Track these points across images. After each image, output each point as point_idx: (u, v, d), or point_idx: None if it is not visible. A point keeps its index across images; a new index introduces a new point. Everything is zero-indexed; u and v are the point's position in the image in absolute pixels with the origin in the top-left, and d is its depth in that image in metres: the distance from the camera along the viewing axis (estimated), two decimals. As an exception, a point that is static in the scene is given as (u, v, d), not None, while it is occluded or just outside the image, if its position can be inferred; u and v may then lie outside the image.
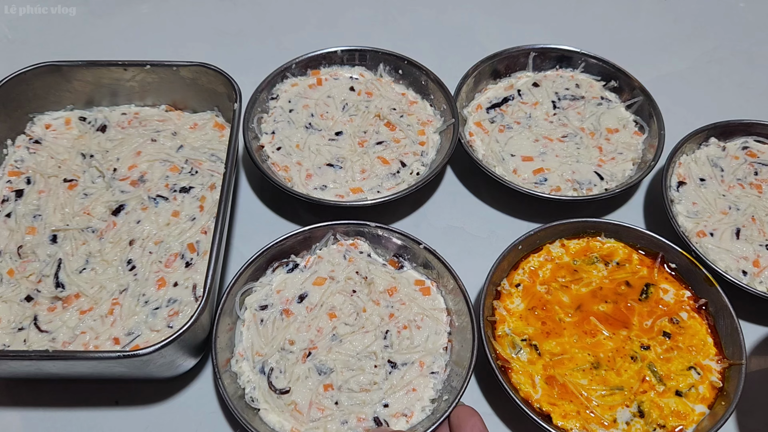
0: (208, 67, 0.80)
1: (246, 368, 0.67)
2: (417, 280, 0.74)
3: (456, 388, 0.64)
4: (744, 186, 0.85)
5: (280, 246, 0.73)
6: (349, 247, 0.76)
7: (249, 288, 0.72)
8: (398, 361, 0.68)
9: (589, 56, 0.97)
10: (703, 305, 0.75)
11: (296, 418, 0.64)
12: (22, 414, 0.69)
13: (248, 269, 0.71)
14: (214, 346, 0.65)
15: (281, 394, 0.65)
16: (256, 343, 0.69)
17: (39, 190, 0.77)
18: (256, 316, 0.70)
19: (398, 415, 0.65)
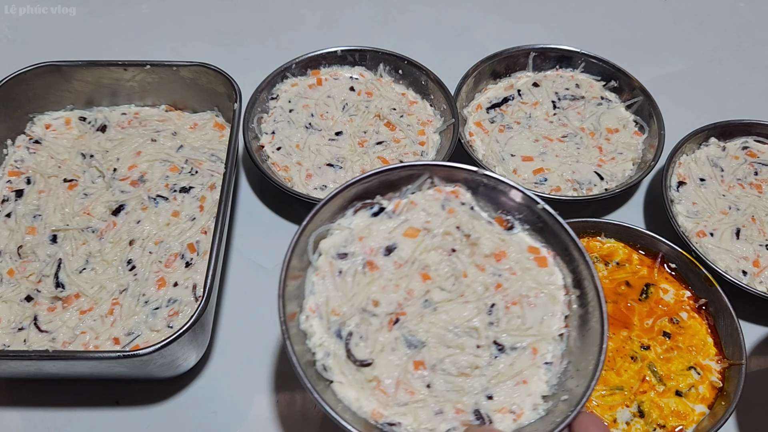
0: (208, 67, 0.80)
1: (318, 328, 0.55)
2: (531, 246, 0.59)
3: (573, 388, 0.52)
4: (744, 186, 0.85)
5: (364, 183, 0.58)
6: (448, 195, 0.61)
7: (325, 229, 0.58)
8: (506, 344, 0.55)
9: (589, 56, 0.97)
10: (703, 305, 0.75)
11: (379, 399, 0.52)
12: (22, 414, 0.69)
13: (326, 207, 0.57)
14: (281, 295, 0.54)
15: (362, 366, 0.53)
16: (333, 297, 0.56)
17: (39, 190, 0.77)
18: (334, 265, 0.57)
19: (504, 411, 0.52)
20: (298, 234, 0.55)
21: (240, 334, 0.76)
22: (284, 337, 0.51)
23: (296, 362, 0.50)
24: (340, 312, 0.55)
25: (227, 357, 0.74)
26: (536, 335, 0.56)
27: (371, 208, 0.60)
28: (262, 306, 0.78)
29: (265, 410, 0.70)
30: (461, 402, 0.52)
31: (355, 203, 0.60)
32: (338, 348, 0.54)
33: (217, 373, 0.72)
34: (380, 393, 0.52)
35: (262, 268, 0.81)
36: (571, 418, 0.49)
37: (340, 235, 0.58)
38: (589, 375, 0.51)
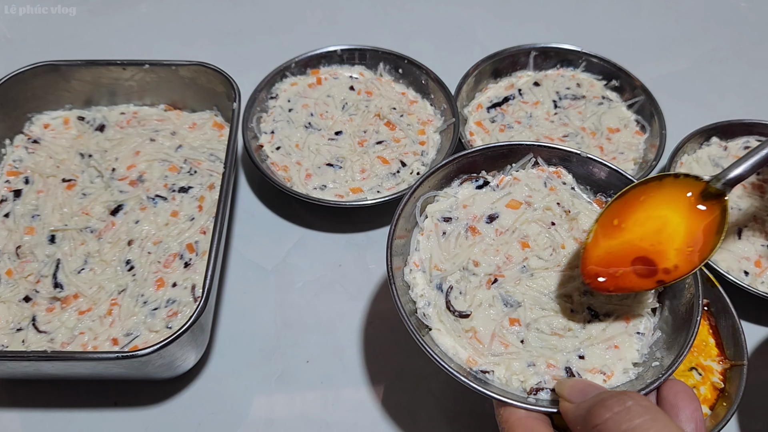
0: (207, 67, 0.80)
1: (420, 280, 0.60)
2: None
3: (663, 356, 0.54)
4: (746, 186, 0.85)
5: (471, 158, 0.64)
6: (551, 175, 0.65)
7: (432, 195, 0.64)
8: (600, 311, 0.58)
9: (590, 56, 0.97)
10: (705, 306, 0.74)
11: (475, 348, 0.56)
12: (21, 415, 0.68)
13: (434, 176, 0.63)
14: (389, 248, 0.58)
15: (460, 317, 0.57)
16: (436, 255, 0.61)
17: (37, 190, 0.77)
18: (439, 227, 0.62)
19: (595, 371, 0.55)
20: (407, 197, 0.61)
21: (239, 335, 0.75)
22: (391, 286, 0.56)
23: (401, 308, 0.55)
24: (442, 268, 0.60)
25: (226, 358, 0.74)
26: (630, 306, 0.59)
27: (476, 181, 0.65)
28: (261, 306, 0.78)
29: (265, 411, 0.70)
30: (553, 358, 0.55)
31: (462, 176, 0.65)
32: (439, 299, 0.58)
33: (216, 373, 0.72)
34: (476, 342, 0.56)
35: (261, 268, 0.81)
36: (660, 382, 0.51)
37: (446, 201, 0.64)
38: (679, 346, 0.54)
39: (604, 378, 0.55)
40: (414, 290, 0.59)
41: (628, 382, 0.54)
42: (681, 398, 0.49)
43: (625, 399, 0.43)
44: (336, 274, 0.81)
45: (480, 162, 0.65)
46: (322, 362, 0.73)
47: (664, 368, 0.52)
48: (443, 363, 0.52)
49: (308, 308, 0.78)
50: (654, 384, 0.51)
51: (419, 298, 0.59)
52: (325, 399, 0.71)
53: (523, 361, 0.55)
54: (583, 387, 0.49)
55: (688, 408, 0.48)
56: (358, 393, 0.71)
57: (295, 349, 0.74)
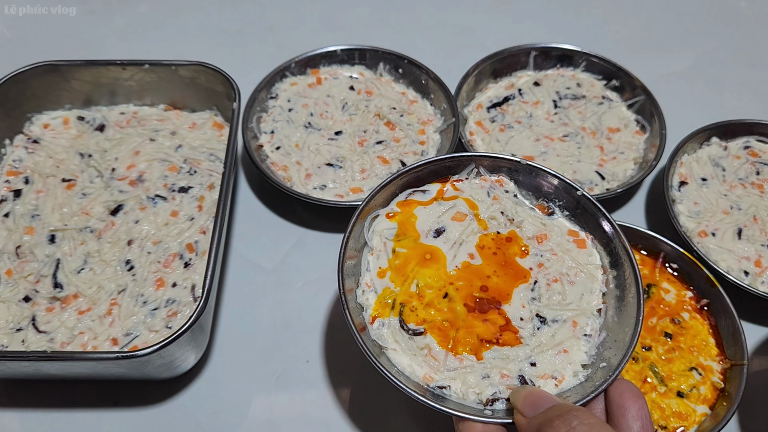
0: (206, 67, 0.80)
1: (373, 301, 0.61)
2: (570, 230, 0.65)
3: (611, 357, 0.56)
4: (746, 186, 0.85)
5: (415, 173, 0.65)
6: (493, 184, 0.67)
7: (378, 213, 0.64)
8: (548, 317, 0.60)
9: (590, 55, 0.97)
10: (705, 305, 0.74)
11: (430, 365, 0.57)
12: (21, 415, 0.68)
13: (380, 194, 0.64)
14: (341, 270, 0.59)
15: (414, 335, 0.58)
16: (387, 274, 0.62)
17: (37, 189, 0.77)
18: (387, 246, 0.63)
19: (546, 377, 0.57)
20: (354, 218, 0.61)
21: (239, 335, 0.75)
22: (343, 308, 0.56)
23: (355, 331, 0.55)
24: (393, 288, 0.60)
25: (226, 358, 0.73)
26: (576, 310, 0.60)
27: (422, 195, 0.66)
28: (261, 306, 0.78)
29: (265, 411, 0.70)
30: (506, 368, 0.57)
31: (406, 190, 0.66)
32: (392, 318, 0.59)
33: (216, 373, 0.72)
34: (431, 359, 0.57)
35: (261, 268, 0.81)
36: (608, 384, 0.52)
37: (392, 217, 0.64)
38: (625, 346, 0.56)
39: (555, 383, 0.56)
40: (367, 311, 0.59)
41: (578, 385, 0.56)
42: (627, 398, 0.50)
43: (570, 419, 0.45)
44: (336, 274, 0.81)
45: (423, 175, 0.66)
46: (322, 362, 0.73)
47: (612, 369, 0.54)
48: (400, 383, 0.53)
49: (308, 308, 0.78)
50: (603, 386, 0.52)
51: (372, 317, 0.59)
52: (325, 399, 0.71)
53: (477, 374, 0.56)
54: (535, 399, 0.50)
55: (634, 406, 0.49)
56: (358, 393, 0.71)
57: (295, 349, 0.74)
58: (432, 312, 0.59)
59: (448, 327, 0.58)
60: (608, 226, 0.62)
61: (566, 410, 0.46)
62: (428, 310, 0.59)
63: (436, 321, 0.58)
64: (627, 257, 0.60)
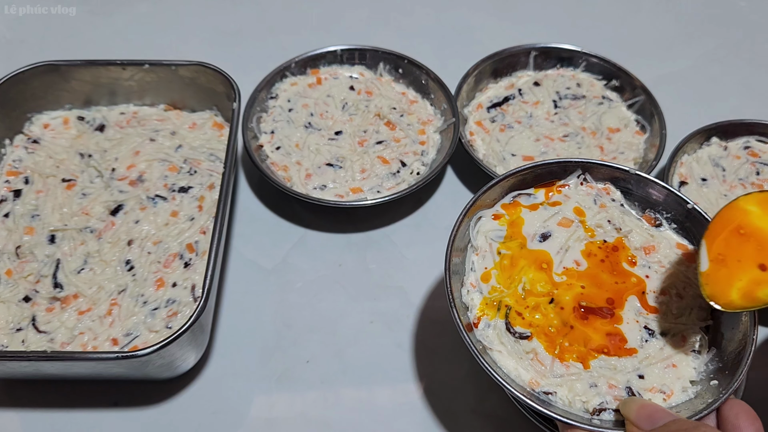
0: (206, 67, 0.80)
1: (478, 302, 0.60)
2: (679, 243, 0.64)
3: (723, 375, 0.55)
4: (746, 186, 0.84)
5: (521, 176, 0.65)
6: (600, 191, 0.66)
7: (483, 214, 0.65)
8: (656, 330, 0.59)
9: (590, 55, 0.97)
10: (705, 306, 0.74)
11: (536, 370, 0.57)
12: (20, 415, 0.68)
13: (486, 194, 0.64)
14: (447, 269, 0.58)
15: (520, 338, 0.58)
16: (493, 275, 0.62)
17: (37, 190, 0.77)
18: (492, 246, 0.63)
19: (655, 390, 0.56)
20: (461, 217, 0.61)
21: (239, 335, 0.75)
22: (450, 306, 0.56)
23: (464, 331, 0.55)
24: (500, 289, 0.60)
25: (227, 358, 0.73)
26: (684, 324, 0.59)
27: (527, 198, 0.66)
28: (261, 306, 0.78)
29: (265, 411, 0.70)
30: (614, 378, 0.56)
31: (513, 192, 0.66)
32: (498, 320, 0.59)
33: (216, 374, 0.72)
34: (537, 364, 0.57)
35: (261, 268, 0.81)
36: (719, 403, 0.51)
37: (498, 219, 0.64)
38: (737, 364, 0.54)
39: (663, 397, 0.56)
40: (472, 312, 0.59)
41: (687, 401, 0.55)
42: (743, 419, 0.48)
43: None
44: (336, 274, 0.81)
45: (529, 179, 0.66)
46: (322, 362, 0.73)
47: (725, 386, 0.53)
48: (507, 384, 0.53)
49: (308, 308, 0.78)
50: (714, 404, 0.51)
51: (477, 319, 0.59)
52: (325, 399, 0.71)
53: (584, 382, 0.56)
54: (651, 412, 0.49)
55: (750, 428, 0.47)
56: (358, 393, 0.71)
57: (295, 349, 0.74)
58: (538, 316, 0.58)
59: (554, 333, 0.58)
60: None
61: (692, 425, 0.44)
62: (534, 314, 0.59)
63: (543, 326, 0.58)
64: None
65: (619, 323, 0.59)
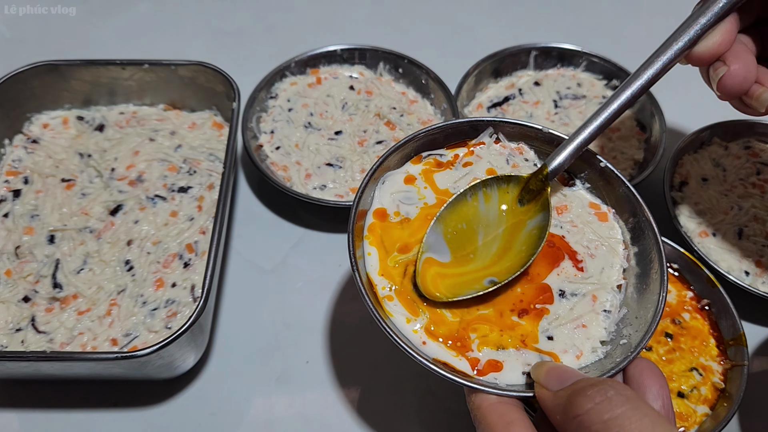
0: (206, 66, 0.80)
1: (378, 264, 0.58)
2: (591, 202, 0.63)
3: (631, 334, 0.54)
4: (746, 186, 0.84)
5: (430, 135, 0.62)
6: (513, 151, 0.64)
7: (392, 174, 0.62)
8: (567, 290, 0.58)
9: (590, 55, 0.96)
10: (706, 306, 0.74)
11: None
12: (20, 415, 0.68)
13: (393, 155, 0.61)
14: (351, 231, 0.56)
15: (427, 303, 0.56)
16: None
17: (36, 190, 0.77)
18: (401, 208, 0.60)
19: (565, 352, 0.55)
20: (367, 178, 0.58)
21: (239, 335, 0.75)
22: (354, 270, 0.54)
23: (364, 291, 0.52)
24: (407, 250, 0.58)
25: (226, 358, 0.73)
26: (596, 284, 0.58)
27: (438, 159, 0.63)
28: (261, 306, 0.78)
29: (265, 412, 0.70)
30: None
31: (422, 153, 0.63)
32: (404, 284, 0.56)
33: (215, 374, 0.72)
34: None
35: (261, 269, 0.81)
36: (628, 362, 0.50)
37: (406, 180, 0.62)
38: (647, 323, 0.53)
39: (573, 358, 0.54)
40: (374, 274, 0.57)
41: (597, 362, 0.54)
42: (647, 375, 0.48)
43: (606, 389, 0.43)
44: (336, 274, 0.81)
45: (440, 139, 0.63)
46: (322, 362, 0.73)
47: (632, 347, 0.52)
48: (410, 350, 0.50)
49: (308, 308, 0.77)
50: (623, 363, 0.50)
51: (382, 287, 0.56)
52: (325, 399, 0.71)
53: (493, 345, 0.54)
54: (560, 373, 0.48)
55: (655, 386, 0.47)
56: (358, 393, 0.71)
57: (295, 349, 0.74)
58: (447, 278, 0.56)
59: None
60: (632, 198, 0.60)
61: (600, 380, 0.44)
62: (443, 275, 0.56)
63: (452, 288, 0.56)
64: (651, 232, 0.58)
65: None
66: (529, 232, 0.60)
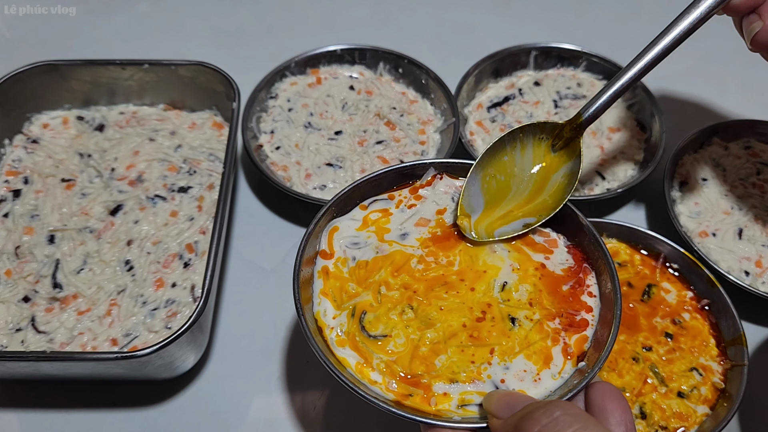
0: (206, 66, 0.80)
1: (331, 311, 0.58)
2: (540, 230, 0.62)
3: (588, 358, 0.54)
4: (746, 186, 0.84)
5: (374, 181, 0.62)
6: (458, 189, 0.63)
7: (338, 222, 0.62)
8: (519, 317, 0.57)
9: (590, 55, 0.96)
10: (706, 306, 0.74)
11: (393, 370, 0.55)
12: (20, 415, 0.68)
13: (337, 204, 0.61)
14: (296, 282, 0.55)
15: (376, 340, 0.56)
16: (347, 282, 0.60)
17: (36, 190, 0.77)
18: (347, 253, 0.60)
19: (521, 379, 0.54)
20: (311, 228, 0.59)
21: (239, 335, 0.75)
22: (301, 320, 0.54)
23: (313, 342, 0.53)
24: (354, 294, 0.58)
25: (226, 358, 0.73)
26: (548, 308, 0.58)
27: (384, 203, 0.63)
28: (261, 306, 0.78)
29: (265, 411, 0.70)
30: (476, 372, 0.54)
31: (368, 199, 0.63)
32: (352, 326, 0.56)
33: (215, 374, 0.72)
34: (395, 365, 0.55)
35: (261, 269, 0.81)
36: (585, 383, 0.50)
37: (353, 226, 0.62)
38: (602, 344, 0.53)
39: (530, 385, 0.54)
40: (325, 319, 0.57)
41: (558, 388, 0.53)
42: (608, 400, 0.47)
43: (552, 409, 0.42)
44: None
45: (385, 183, 0.63)
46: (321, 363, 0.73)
47: (589, 368, 0.51)
48: (363, 394, 0.51)
49: (308, 308, 0.77)
50: (579, 386, 0.49)
51: (331, 328, 0.56)
52: (325, 400, 0.71)
53: (446, 379, 0.54)
54: (509, 400, 0.47)
55: (617, 410, 0.46)
56: (358, 393, 0.71)
57: (295, 349, 0.74)
58: (394, 317, 0.56)
59: (413, 330, 0.56)
60: (580, 226, 0.60)
61: (546, 403, 0.44)
62: (390, 314, 0.56)
63: (399, 326, 0.56)
64: (601, 253, 0.58)
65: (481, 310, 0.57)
66: (559, 178, 0.62)
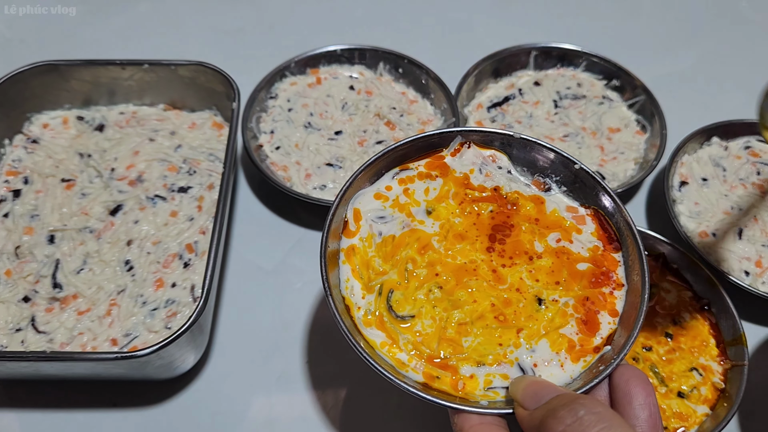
0: (206, 66, 0.80)
1: (358, 288, 0.57)
2: (569, 206, 0.61)
3: (616, 339, 0.52)
4: (746, 186, 0.84)
5: (400, 151, 0.61)
6: (485, 159, 0.62)
7: (363, 193, 0.60)
8: (546, 299, 0.56)
9: (590, 55, 0.96)
10: (706, 306, 0.74)
11: (420, 352, 0.54)
12: (20, 415, 0.68)
13: (364, 174, 0.59)
14: (323, 257, 0.54)
15: (403, 321, 0.55)
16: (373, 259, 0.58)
17: (36, 190, 0.77)
18: (373, 227, 0.59)
19: (547, 363, 0.53)
20: (337, 200, 0.57)
21: (239, 336, 0.75)
22: (327, 297, 0.53)
23: (339, 319, 0.51)
24: (382, 271, 0.56)
25: (226, 358, 0.73)
26: (578, 291, 0.56)
27: (410, 173, 0.61)
28: (261, 307, 0.78)
29: (264, 412, 0.70)
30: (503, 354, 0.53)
31: (393, 169, 0.61)
32: (380, 304, 0.55)
33: (215, 374, 0.72)
34: (422, 346, 0.53)
35: (261, 269, 0.81)
36: (612, 368, 0.49)
37: (378, 198, 0.60)
38: (629, 328, 0.52)
39: (552, 372, 0.52)
40: (353, 298, 0.55)
41: (583, 373, 0.52)
42: (633, 384, 0.47)
43: (576, 408, 0.42)
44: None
45: (411, 153, 0.62)
46: (321, 363, 0.73)
47: (615, 354, 0.50)
48: (393, 378, 0.50)
49: (308, 308, 0.77)
50: (606, 370, 0.49)
51: (358, 308, 0.55)
52: (325, 399, 0.71)
53: (473, 361, 0.52)
54: (537, 389, 0.47)
55: (641, 394, 0.46)
56: (358, 393, 0.71)
57: (295, 350, 0.74)
58: (422, 296, 0.55)
59: (440, 311, 0.55)
60: (609, 201, 0.59)
61: (571, 399, 0.43)
62: (417, 293, 0.55)
63: (427, 306, 0.55)
64: (630, 234, 0.56)
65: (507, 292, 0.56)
66: None
